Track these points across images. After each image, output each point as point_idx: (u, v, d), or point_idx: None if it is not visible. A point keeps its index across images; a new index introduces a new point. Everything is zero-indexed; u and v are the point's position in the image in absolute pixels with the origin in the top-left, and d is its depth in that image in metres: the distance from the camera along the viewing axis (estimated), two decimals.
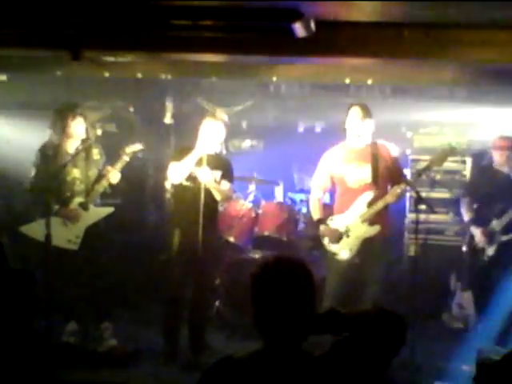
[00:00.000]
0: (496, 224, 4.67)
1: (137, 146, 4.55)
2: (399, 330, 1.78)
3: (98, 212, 4.53)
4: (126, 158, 4.48)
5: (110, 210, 4.58)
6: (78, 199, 4.46)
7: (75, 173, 4.48)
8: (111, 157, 4.69)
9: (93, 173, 4.54)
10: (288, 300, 1.77)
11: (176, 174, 4.25)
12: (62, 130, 4.44)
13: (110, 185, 4.50)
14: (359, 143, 4.22)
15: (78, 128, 4.47)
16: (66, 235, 4.38)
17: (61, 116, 4.46)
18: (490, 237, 4.70)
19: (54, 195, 4.36)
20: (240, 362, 1.78)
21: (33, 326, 1.77)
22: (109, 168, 4.47)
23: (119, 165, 4.46)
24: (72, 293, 4.41)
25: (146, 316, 5.13)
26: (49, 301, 3.89)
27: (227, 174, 4.39)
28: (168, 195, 5.78)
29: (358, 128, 4.18)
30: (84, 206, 4.45)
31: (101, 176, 4.50)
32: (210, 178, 4.19)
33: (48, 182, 4.30)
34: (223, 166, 4.37)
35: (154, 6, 3.44)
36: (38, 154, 4.49)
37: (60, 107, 4.53)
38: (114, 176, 4.45)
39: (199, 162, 4.18)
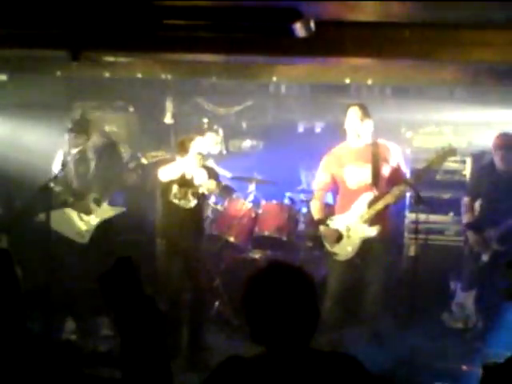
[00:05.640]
0: (492, 232, 4.65)
1: (159, 153, 4.71)
2: None
3: (110, 210, 4.73)
4: (143, 161, 4.62)
5: (122, 209, 4.81)
6: (93, 195, 4.67)
7: (95, 170, 4.71)
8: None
9: (110, 172, 4.73)
10: (289, 307, 1.76)
11: (165, 174, 4.28)
12: (84, 139, 4.74)
13: (124, 184, 4.71)
14: (359, 143, 4.22)
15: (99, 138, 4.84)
16: (76, 227, 4.62)
17: (79, 138, 4.74)
18: (486, 244, 4.68)
19: (71, 190, 4.66)
20: (248, 362, 1.77)
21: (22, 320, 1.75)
22: (126, 168, 4.67)
23: (135, 166, 4.63)
24: (72, 288, 4.51)
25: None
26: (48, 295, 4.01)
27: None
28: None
29: (358, 128, 4.17)
30: (97, 202, 4.65)
31: (116, 175, 4.73)
32: (204, 180, 4.25)
33: (66, 179, 4.60)
34: (212, 175, 4.40)
35: (154, 7, 3.44)
36: (59, 155, 4.74)
37: (81, 121, 4.83)
38: (130, 176, 4.63)
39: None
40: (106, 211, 4.71)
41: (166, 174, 4.25)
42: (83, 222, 4.65)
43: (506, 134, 4.78)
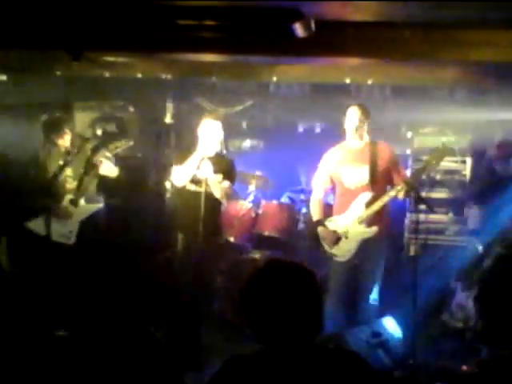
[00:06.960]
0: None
1: (121, 143, 4.72)
2: None
3: (88, 208, 4.73)
4: (107, 154, 4.64)
5: (99, 205, 4.82)
6: (69, 196, 4.66)
7: (67, 171, 4.69)
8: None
9: (80, 171, 4.71)
10: (291, 304, 1.76)
11: (179, 177, 4.25)
12: (51, 143, 4.75)
13: (100, 181, 4.69)
14: (358, 143, 4.22)
15: (65, 141, 4.76)
16: (59, 230, 4.60)
17: (48, 134, 4.75)
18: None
19: (48, 194, 4.58)
20: (252, 361, 1.77)
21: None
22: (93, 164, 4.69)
23: (100, 160, 4.65)
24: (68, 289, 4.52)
25: (145, 316, 5.13)
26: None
27: (229, 174, 4.38)
28: (168, 195, 5.78)
29: (357, 128, 4.16)
30: (74, 203, 4.64)
31: (85, 174, 4.70)
32: (211, 174, 4.20)
33: (42, 183, 4.57)
34: (225, 166, 4.35)
35: (154, 6, 3.45)
36: (33, 158, 4.76)
37: (46, 125, 4.80)
38: (99, 170, 4.65)
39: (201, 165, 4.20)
40: (84, 210, 4.70)
41: (179, 178, 4.26)
42: (66, 225, 4.63)
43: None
